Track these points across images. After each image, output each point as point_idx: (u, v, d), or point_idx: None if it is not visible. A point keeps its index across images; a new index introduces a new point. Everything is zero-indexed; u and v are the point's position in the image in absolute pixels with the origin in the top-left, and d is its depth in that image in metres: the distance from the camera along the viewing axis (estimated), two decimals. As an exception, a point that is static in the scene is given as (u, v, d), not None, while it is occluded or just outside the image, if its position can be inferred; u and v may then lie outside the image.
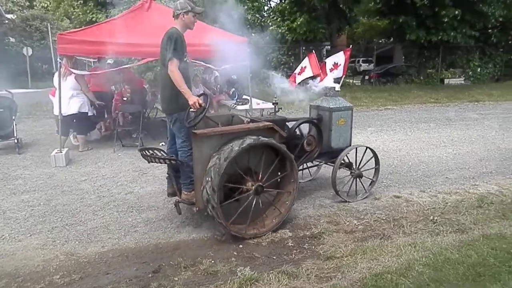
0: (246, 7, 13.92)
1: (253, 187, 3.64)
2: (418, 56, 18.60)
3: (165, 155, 3.87)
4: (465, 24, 15.89)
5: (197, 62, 8.55)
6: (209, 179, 3.41)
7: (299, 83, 5.03)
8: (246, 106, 7.57)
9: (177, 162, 3.73)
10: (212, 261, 3.26)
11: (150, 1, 6.99)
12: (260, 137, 3.62)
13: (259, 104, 7.81)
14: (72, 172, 5.68)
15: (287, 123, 4.42)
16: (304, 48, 15.73)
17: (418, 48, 18.08)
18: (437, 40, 15.97)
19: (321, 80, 4.96)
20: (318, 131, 4.53)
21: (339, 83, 4.88)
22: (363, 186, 4.72)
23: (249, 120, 4.09)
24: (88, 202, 4.58)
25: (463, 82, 19.46)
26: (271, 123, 3.82)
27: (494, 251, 3.31)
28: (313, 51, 5.76)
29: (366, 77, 21.79)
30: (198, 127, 3.58)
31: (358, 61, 27.34)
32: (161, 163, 3.81)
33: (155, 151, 3.82)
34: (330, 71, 5.04)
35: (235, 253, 3.44)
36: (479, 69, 18.05)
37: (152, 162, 3.77)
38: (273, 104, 4.45)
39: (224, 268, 3.15)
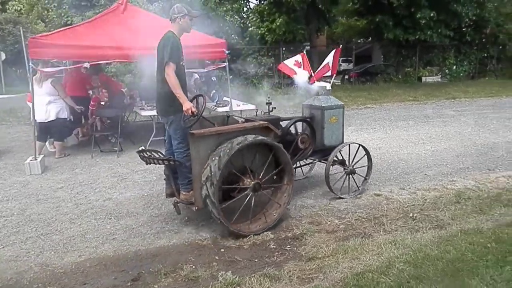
0: (225, 8, 13.84)
1: (252, 183, 3.73)
2: (396, 55, 18.91)
3: (162, 156, 3.91)
4: (440, 24, 16.24)
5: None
6: (217, 158, 3.48)
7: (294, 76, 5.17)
8: (227, 108, 7.52)
9: (175, 163, 3.79)
10: (193, 267, 3.21)
11: (126, 3, 6.87)
12: (271, 139, 3.86)
13: (239, 106, 7.77)
14: (48, 180, 5.51)
15: (281, 122, 4.51)
16: (284, 48, 15.77)
17: (396, 47, 18.37)
18: (414, 39, 16.27)
19: (313, 82, 5.08)
20: (311, 129, 4.64)
21: (329, 83, 5.06)
22: (349, 184, 4.77)
23: (243, 120, 4.19)
24: (64, 210, 4.45)
25: (440, 80, 19.88)
26: (266, 122, 3.93)
27: (471, 246, 3.36)
28: (304, 52, 5.76)
29: (346, 77, 22.01)
30: (194, 127, 3.69)
31: (338, 60, 27.63)
32: (159, 164, 3.90)
33: (152, 152, 3.86)
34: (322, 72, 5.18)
35: (216, 258, 3.40)
36: (454, 67, 18.48)
37: (150, 163, 3.84)
38: (266, 104, 4.53)
39: (205, 273, 3.10)
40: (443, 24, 16.24)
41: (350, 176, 4.77)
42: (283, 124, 4.55)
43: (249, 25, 14.48)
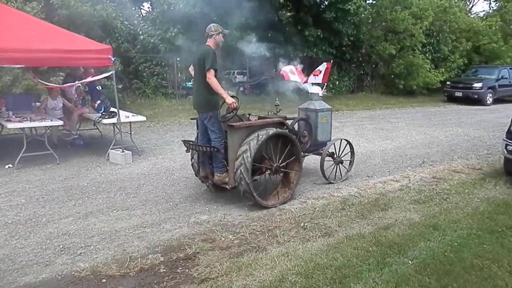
0: (114, 14, 12.96)
1: (274, 166, 4.73)
2: (287, 69, 20.00)
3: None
4: (324, 42, 17.67)
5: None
6: (252, 142, 4.39)
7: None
8: (114, 120, 6.92)
9: (213, 149, 4.51)
10: (66, 306, 2.75)
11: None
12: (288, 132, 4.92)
13: (128, 117, 7.23)
14: None
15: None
16: (178, 59, 15.41)
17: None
18: (303, 55, 17.40)
19: (304, 82, 6.10)
20: (309, 127, 5.63)
21: (322, 89, 6.02)
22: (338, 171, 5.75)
23: (257, 118, 5.20)
24: None
25: (325, 93, 21.61)
26: (282, 119, 5.02)
27: (356, 251, 3.55)
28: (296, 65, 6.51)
29: (241, 89, 22.52)
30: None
31: (233, 73, 28.14)
32: (201, 150, 4.66)
33: (190, 143, 4.79)
34: (313, 75, 6.12)
35: (96, 291, 2.98)
36: (337, 82, 20.25)
37: (192, 149, 4.84)
38: (275, 105, 5.54)
39: (80, 312, 2.68)
40: (326, 42, 17.71)
41: (339, 165, 5.84)
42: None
43: (140, 32, 13.81)
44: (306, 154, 5.74)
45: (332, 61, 7.18)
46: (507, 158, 5.75)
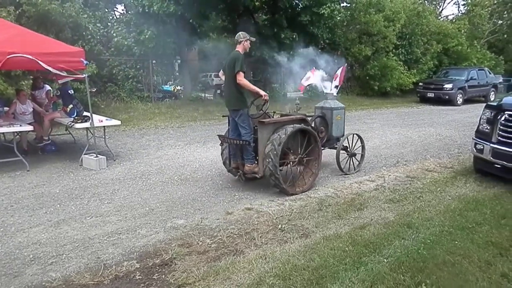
0: (86, 16, 12.66)
1: (297, 158, 5.33)
2: (263, 72, 20.04)
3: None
4: (301, 44, 17.86)
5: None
6: (289, 129, 5.04)
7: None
8: (87, 124, 6.76)
9: (245, 142, 5.04)
10: (36, 318, 2.66)
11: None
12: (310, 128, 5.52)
13: (102, 121, 7.07)
14: None
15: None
16: (154, 61, 15.22)
17: (262, 65, 19.46)
18: (279, 57, 17.53)
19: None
20: (326, 124, 6.24)
21: (336, 89, 6.66)
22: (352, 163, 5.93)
23: (279, 115, 5.84)
24: None
25: (302, 95, 21.77)
26: (304, 116, 5.61)
27: (333, 251, 3.58)
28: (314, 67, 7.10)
29: (218, 91, 22.44)
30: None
31: (210, 75, 28.02)
32: (233, 143, 5.25)
33: (224, 137, 5.43)
34: (334, 79, 6.78)
35: (69, 301, 2.89)
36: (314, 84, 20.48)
37: (225, 142, 5.45)
38: (295, 105, 6.09)
39: (51, 323, 2.59)
40: (303, 44, 17.91)
41: (352, 158, 6.44)
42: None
43: (114, 35, 13.54)
44: (322, 148, 6.01)
45: (346, 64, 7.69)
46: (476, 157, 5.96)
